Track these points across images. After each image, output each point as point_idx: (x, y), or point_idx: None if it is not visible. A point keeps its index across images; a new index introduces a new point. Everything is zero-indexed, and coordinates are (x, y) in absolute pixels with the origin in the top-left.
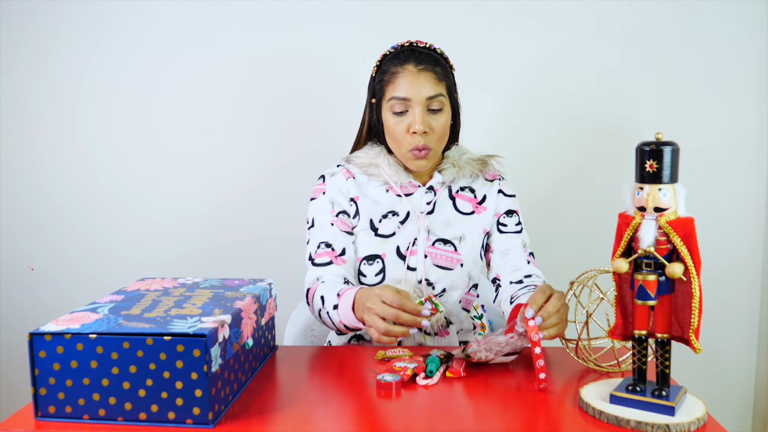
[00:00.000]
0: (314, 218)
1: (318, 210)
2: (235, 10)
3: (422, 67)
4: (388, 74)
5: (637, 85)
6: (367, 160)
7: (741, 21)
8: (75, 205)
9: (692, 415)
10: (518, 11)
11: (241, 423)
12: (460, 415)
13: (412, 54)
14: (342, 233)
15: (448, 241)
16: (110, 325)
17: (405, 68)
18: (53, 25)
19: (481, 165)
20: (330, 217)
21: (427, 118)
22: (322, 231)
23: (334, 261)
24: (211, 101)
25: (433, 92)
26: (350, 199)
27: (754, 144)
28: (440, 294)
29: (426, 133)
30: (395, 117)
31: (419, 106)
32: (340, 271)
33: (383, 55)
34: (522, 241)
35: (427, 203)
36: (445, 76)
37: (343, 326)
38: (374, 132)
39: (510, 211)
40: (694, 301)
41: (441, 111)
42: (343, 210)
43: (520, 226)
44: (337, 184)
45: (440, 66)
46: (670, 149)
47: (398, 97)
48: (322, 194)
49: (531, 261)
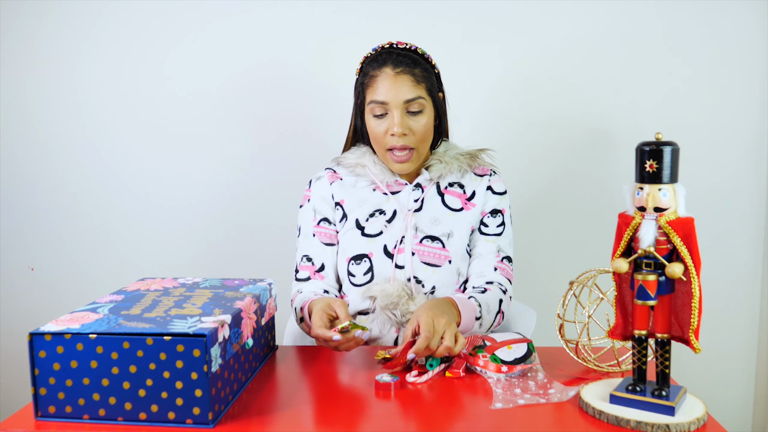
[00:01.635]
0: (300, 227)
1: (303, 219)
2: (234, 12)
3: (400, 70)
4: (368, 77)
5: (637, 85)
6: (353, 160)
7: (741, 21)
8: (75, 205)
9: (692, 415)
10: (516, 10)
11: (241, 423)
12: (459, 416)
13: (389, 57)
14: (322, 246)
15: (436, 238)
16: (110, 325)
17: (383, 71)
18: (54, 24)
19: (470, 159)
20: (312, 227)
21: (406, 121)
22: (306, 241)
23: (312, 276)
24: (211, 101)
25: (411, 95)
26: (336, 204)
27: (754, 143)
28: (430, 292)
29: (405, 135)
30: (375, 120)
31: (398, 109)
32: (319, 285)
33: (364, 57)
34: (497, 245)
35: (414, 200)
36: (425, 77)
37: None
38: (360, 134)
39: (495, 211)
40: (694, 301)
41: (421, 113)
42: (324, 217)
43: (501, 227)
44: (320, 191)
45: (419, 67)
46: (670, 149)
47: (377, 100)
48: (307, 201)
49: (499, 267)
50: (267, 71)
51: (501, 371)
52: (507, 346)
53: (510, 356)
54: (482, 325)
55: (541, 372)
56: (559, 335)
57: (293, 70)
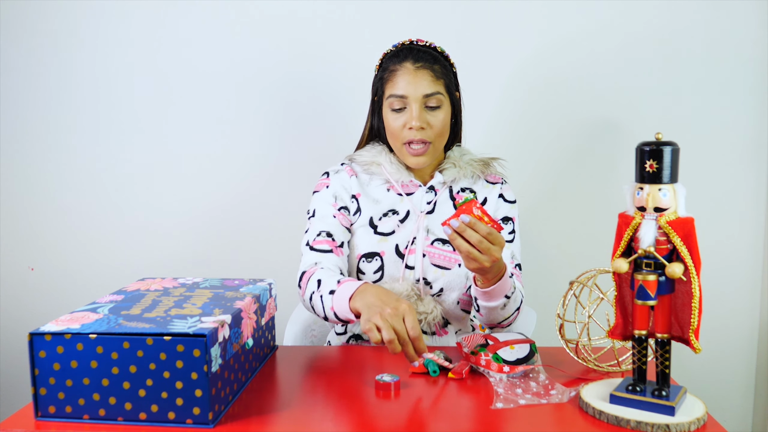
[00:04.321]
0: (316, 209)
1: (320, 202)
2: (236, 11)
3: (420, 65)
4: (388, 72)
5: (638, 85)
6: (369, 158)
7: (741, 21)
8: (75, 206)
9: (692, 415)
10: (516, 9)
11: (241, 423)
12: (460, 416)
13: (410, 52)
14: (342, 228)
15: (446, 240)
16: (110, 325)
17: (403, 66)
18: (55, 25)
19: (483, 166)
20: (332, 209)
21: (424, 115)
22: (323, 221)
23: (334, 251)
24: (211, 102)
25: (430, 89)
26: (352, 196)
27: (754, 144)
28: (438, 293)
29: (423, 129)
30: (394, 114)
31: (416, 103)
32: (337, 262)
33: (384, 53)
34: (511, 252)
35: (427, 203)
36: (444, 74)
37: (333, 313)
38: (376, 131)
39: (506, 218)
40: (694, 301)
41: (439, 108)
42: (344, 206)
43: (513, 234)
44: (341, 181)
45: (439, 64)
46: (670, 149)
47: (396, 94)
48: (326, 188)
49: (514, 273)
50: (268, 73)
51: (503, 371)
52: (509, 347)
53: (512, 356)
54: (505, 308)
55: (543, 373)
56: (559, 335)
57: (294, 71)
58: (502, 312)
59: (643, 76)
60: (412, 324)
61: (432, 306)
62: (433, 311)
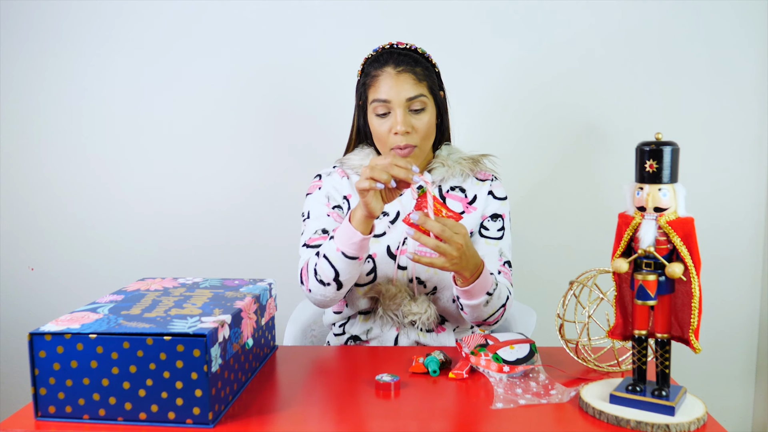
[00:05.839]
0: (310, 210)
1: (314, 203)
2: (235, 14)
3: (401, 69)
4: (370, 77)
5: (637, 85)
6: (358, 161)
7: (741, 21)
8: (75, 205)
9: (692, 415)
10: (514, 9)
11: (241, 423)
12: (460, 416)
13: (390, 56)
14: (337, 225)
15: None
16: (110, 325)
17: (384, 71)
18: (56, 26)
19: (472, 164)
20: (326, 209)
21: (409, 119)
22: (318, 221)
23: None
24: (211, 102)
25: (413, 93)
26: (344, 197)
27: (754, 144)
28: (432, 292)
29: (408, 133)
30: (378, 119)
31: (400, 107)
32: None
33: (365, 58)
34: (499, 249)
35: None
36: (427, 76)
37: (341, 255)
38: (363, 134)
39: (495, 215)
40: (693, 301)
41: (423, 110)
42: (338, 205)
43: (502, 231)
44: (333, 182)
45: (420, 66)
46: (670, 149)
47: (379, 99)
48: (318, 189)
49: (503, 271)
50: (267, 74)
51: (503, 371)
52: (509, 346)
53: (512, 356)
54: (488, 305)
55: (543, 373)
56: (559, 335)
57: (292, 72)
58: (485, 309)
59: (644, 76)
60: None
61: (426, 306)
62: (427, 311)
